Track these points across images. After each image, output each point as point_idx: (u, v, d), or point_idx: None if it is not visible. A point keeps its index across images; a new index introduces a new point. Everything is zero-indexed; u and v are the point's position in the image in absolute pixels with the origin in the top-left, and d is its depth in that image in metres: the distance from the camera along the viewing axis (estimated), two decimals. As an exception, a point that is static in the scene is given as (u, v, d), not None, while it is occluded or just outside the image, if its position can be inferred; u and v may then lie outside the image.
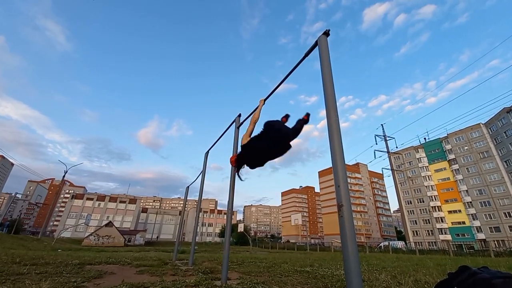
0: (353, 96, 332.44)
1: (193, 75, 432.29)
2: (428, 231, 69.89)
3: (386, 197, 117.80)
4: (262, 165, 3.51)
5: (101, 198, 78.15)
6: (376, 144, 53.37)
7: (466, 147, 67.37)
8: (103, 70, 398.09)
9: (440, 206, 69.50)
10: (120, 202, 78.60)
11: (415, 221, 73.38)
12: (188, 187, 12.74)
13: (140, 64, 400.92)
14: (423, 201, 73.03)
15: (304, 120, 3.69)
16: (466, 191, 65.14)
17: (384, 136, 49.27)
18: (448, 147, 71.40)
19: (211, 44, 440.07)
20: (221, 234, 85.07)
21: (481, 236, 59.80)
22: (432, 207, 70.50)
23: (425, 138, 77.92)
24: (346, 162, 2.36)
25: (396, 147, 54.08)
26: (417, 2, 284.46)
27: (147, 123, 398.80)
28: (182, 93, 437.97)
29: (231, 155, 3.86)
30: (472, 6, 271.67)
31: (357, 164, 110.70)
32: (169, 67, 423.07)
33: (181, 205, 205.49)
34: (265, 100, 4.18)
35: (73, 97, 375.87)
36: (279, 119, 3.70)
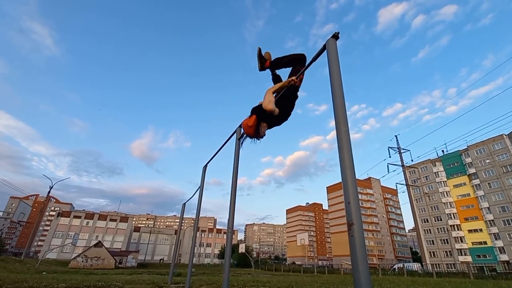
0: (366, 104, 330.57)
1: (191, 79, 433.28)
2: (446, 252, 68.98)
3: (401, 214, 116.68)
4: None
5: (89, 216, 77.80)
6: (390, 157, 52.53)
7: (487, 160, 66.99)
8: (94, 76, 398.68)
9: (459, 225, 68.77)
10: (111, 220, 78.16)
11: (432, 241, 72.56)
12: (185, 204, 12.72)
13: (134, 69, 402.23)
14: (441, 219, 72.33)
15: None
16: (488, 208, 64.48)
17: (399, 148, 49.03)
18: (468, 160, 71.03)
19: (212, 46, 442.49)
20: (221, 255, 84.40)
21: (504, 257, 58.89)
22: (450, 225, 69.75)
23: (443, 151, 77.75)
24: (357, 177, 2.36)
25: (412, 160, 53.56)
26: (437, 2, 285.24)
27: (141, 134, 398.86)
28: (180, 100, 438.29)
29: (247, 119, 3.59)
30: (497, 6, 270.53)
31: (369, 179, 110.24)
32: (164, 71, 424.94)
33: (177, 223, 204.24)
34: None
35: (61, 106, 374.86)
36: None
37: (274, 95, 3.61)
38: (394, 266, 44.39)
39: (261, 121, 3.49)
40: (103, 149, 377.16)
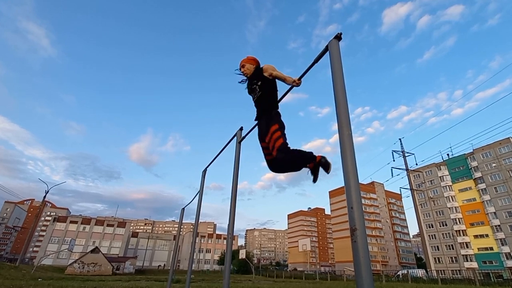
0: (370, 107, 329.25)
1: (191, 81, 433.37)
2: (451, 258, 68.77)
3: (405, 220, 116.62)
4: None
5: (86, 221, 77.72)
6: (394, 160, 52.18)
7: (494, 164, 66.87)
8: (91, 78, 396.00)
9: (465, 230, 68.61)
10: (108, 225, 78.08)
11: (437, 246, 72.37)
12: (184, 208, 12.69)
13: (132, 70, 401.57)
14: (446, 225, 72.14)
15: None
16: (494, 213, 64.32)
17: (403, 151, 49.10)
18: (474, 164, 70.91)
19: (212, 47, 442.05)
20: (221, 261, 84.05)
21: (511, 263, 58.72)
22: (456, 231, 69.56)
23: (448, 154, 77.45)
24: (360, 181, 2.35)
25: (416, 164, 53.79)
26: (443, 2, 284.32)
27: (139, 137, 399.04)
28: (179, 103, 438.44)
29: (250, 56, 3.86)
30: (504, 6, 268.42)
31: (373, 183, 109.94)
32: (163, 73, 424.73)
33: (176, 228, 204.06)
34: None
35: (57, 109, 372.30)
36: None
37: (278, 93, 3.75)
38: (398, 273, 44.24)
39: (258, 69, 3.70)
40: (101, 153, 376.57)
